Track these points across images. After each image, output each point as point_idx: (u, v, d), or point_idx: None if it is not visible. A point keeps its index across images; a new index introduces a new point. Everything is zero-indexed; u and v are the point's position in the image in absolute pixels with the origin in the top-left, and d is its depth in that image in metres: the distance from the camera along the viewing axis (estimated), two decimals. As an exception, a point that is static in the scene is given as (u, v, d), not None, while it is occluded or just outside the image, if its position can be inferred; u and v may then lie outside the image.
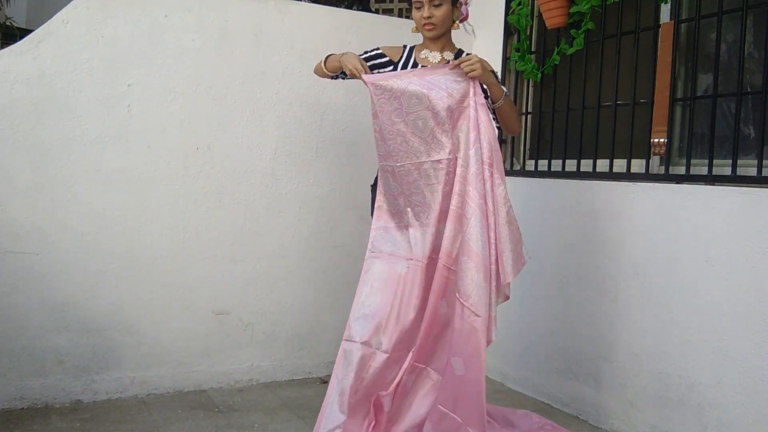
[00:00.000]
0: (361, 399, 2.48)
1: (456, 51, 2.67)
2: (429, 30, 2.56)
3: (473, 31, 2.85)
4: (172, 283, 3.10)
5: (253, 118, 3.24)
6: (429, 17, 2.53)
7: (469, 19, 2.74)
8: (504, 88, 2.56)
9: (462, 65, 2.43)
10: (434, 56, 2.64)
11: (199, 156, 3.13)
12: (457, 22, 2.63)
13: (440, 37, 2.61)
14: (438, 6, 2.52)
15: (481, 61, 2.45)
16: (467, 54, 2.67)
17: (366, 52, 2.69)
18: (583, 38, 3.05)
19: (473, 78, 2.45)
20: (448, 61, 2.63)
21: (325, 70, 2.69)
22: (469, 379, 2.39)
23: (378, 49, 2.70)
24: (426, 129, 2.46)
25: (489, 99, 2.54)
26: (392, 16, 5.53)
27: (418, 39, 2.72)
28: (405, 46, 2.72)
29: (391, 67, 2.66)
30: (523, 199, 3.34)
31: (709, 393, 2.46)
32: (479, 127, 2.42)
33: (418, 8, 2.55)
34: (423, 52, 2.66)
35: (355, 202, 3.48)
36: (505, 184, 2.48)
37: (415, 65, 2.64)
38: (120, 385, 3.02)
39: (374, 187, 2.76)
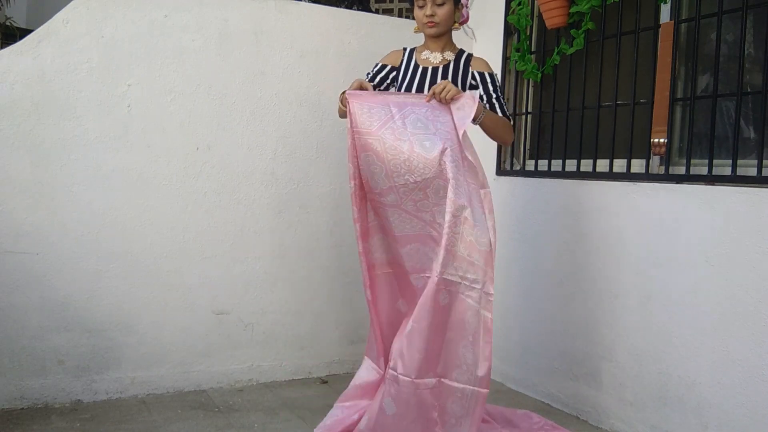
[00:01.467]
0: None
1: (457, 51, 2.67)
2: (431, 27, 2.57)
3: (473, 33, 2.86)
4: (172, 283, 3.10)
5: (253, 118, 3.24)
6: (432, 15, 2.54)
7: (469, 21, 2.75)
8: (482, 112, 2.53)
9: (436, 94, 2.43)
10: (435, 56, 2.65)
11: (199, 156, 3.13)
12: (458, 23, 2.64)
13: (441, 36, 2.62)
14: (441, 5, 2.53)
15: (451, 85, 2.44)
16: (468, 54, 2.68)
17: (368, 74, 2.73)
18: (583, 38, 3.05)
19: (449, 101, 2.45)
20: (449, 62, 2.64)
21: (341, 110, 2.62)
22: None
23: (377, 64, 2.74)
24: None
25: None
26: (392, 16, 5.53)
27: (419, 40, 2.73)
28: (405, 49, 2.73)
29: (394, 73, 2.71)
30: (523, 199, 3.35)
31: (709, 393, 2.46)
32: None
33: (421, 6, 2.55)
34: (424, 53, 2.67)
35: (355, 202, 3.47)
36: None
37: (416, 67, 2.66)
38: (120, 385, 3.02)
39: None
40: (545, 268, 3.19)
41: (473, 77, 2.63)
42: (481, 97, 2.59)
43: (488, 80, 2.63)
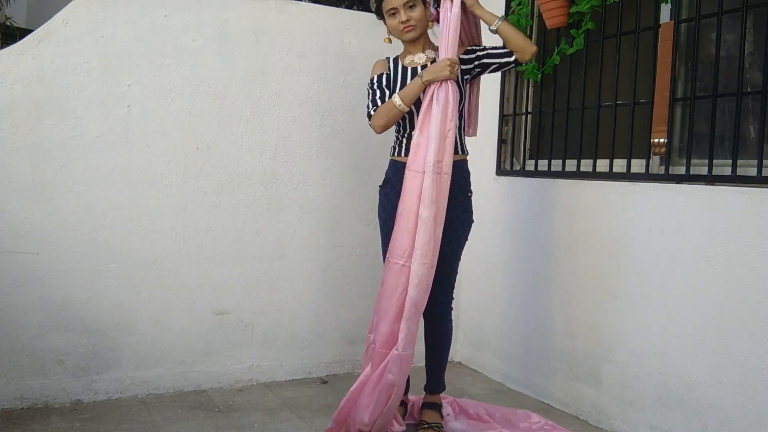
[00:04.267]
0: None
1: (437, 48, 2.69)
2: (409, 31, 2.62)
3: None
4: (172, 283, 3.10)
5: (253, 118, 3.24)
6: (407, 20, 2.59)
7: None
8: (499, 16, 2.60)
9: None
10: (419, 57, 2.70)
11: (199, 156, 3.13)
12: (431, 21, 2.68)
13: (419, 38, 2.66)
14: (413, 7, 2.59)
15: None
16: None
17: (374, 86, 2.72)
18: (583, 38, 3.05)
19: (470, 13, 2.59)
20: (434, 60, 2.66)
21: (403, 106, 2.61)
22: None
23: (376, 76, 2.75)
24: None
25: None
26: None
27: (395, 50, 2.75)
28: (388, 59, 2.78)
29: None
30: (523, 199, 3.35)
31: (709, 393, 2.46)
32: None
33: (393, 14, 2.61)
34: (407, 58, 2.73)
35: (355, 202, 3.48)
36: None
37: (404, 69, 2.70)
38: (120, 385, 3.02)
39: (382, 188, 2.78)
40: (545, 268, 3.19)
41: (462, 62, 2.66)
42: (483, 48, 2.67)
43: (473, 48, 2.68)
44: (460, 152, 2.69)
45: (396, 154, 2.74)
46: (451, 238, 2.66)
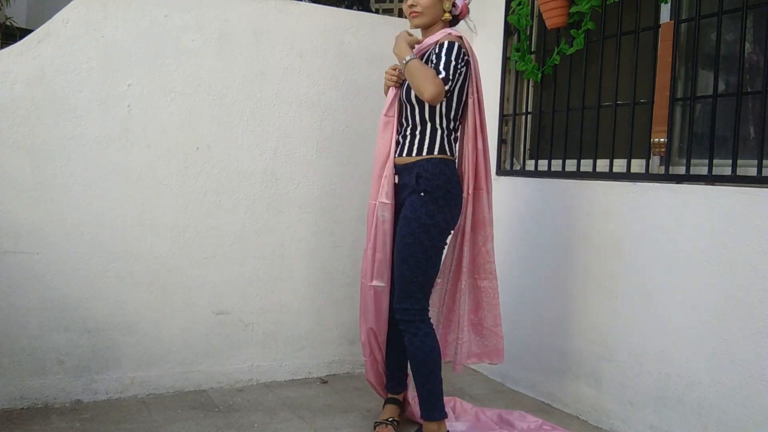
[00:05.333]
0: None
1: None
2: (414, 17, 2.61)
3: (474, 26, 2.85)
4: (172, 283, 3.10)
5: (253, 118, 3.24)
6: (413, 5, 2.58)
7: (470, 15, 2.75)
8: (408, 56, 2.52)
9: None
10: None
11: (199, 156, 3.13)
12: (449, 13, 2.61)
13: (430, 27, 2.64)
14: None
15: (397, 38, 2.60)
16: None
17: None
18: (583, 38, 3.05)
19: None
20: (428, 52, 2.66)
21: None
22: None
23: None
24: None
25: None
26: (392, 16, 5.53)
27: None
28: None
29: None
30: (523, 199, 3.35)
31: (709, 393, 2.46)
32: None
33: None
34: (416, 46, 2.69)
35: (355, 202, 3.48)
36: None
37: None
38: (120, 385, 3.02)
39: None
40: (545, 268, 3.19)
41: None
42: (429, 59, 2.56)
43: (442, 47, 2.50)
44: (431, 153, 2.59)
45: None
46: (397, 239, 2.61)
